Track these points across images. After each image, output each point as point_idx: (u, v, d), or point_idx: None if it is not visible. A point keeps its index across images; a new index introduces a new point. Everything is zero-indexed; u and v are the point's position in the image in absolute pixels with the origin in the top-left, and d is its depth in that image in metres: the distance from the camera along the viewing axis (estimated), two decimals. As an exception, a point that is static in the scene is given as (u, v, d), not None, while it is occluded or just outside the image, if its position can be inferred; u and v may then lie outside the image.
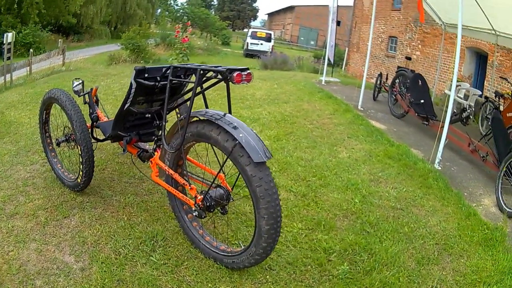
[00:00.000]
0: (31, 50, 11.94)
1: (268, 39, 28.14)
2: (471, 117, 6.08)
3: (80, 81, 3.26)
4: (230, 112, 2.37)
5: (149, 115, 2.90)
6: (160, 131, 2.84)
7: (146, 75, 2.56)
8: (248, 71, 2.20)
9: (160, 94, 2.76)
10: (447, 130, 4.67)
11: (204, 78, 2.41)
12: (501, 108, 6.05)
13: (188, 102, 2.60)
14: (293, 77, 10.33)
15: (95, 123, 3.18)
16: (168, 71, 2.54)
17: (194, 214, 2.48)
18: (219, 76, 2.25)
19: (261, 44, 27.47)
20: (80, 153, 2.87)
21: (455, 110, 7.28)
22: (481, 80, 10.10)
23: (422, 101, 6.10)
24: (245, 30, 53.52)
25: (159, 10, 39.20)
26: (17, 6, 20.73)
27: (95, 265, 2.39)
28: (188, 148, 2.65)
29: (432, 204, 3.69)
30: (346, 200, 3.59)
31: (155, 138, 2.95)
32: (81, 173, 2.93)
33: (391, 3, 14.96)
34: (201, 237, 2.65)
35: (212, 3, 58.19)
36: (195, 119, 2.42)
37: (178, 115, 3.59)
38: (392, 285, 2.50)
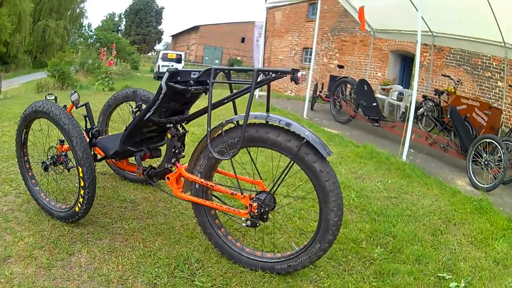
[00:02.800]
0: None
1: (178, 60, 30.13)
2: (425, 114, 7.21)
3: (75, 92, 3.18)
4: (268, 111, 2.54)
5: (169, 125, 2.94)
6: (180, 144, 2.98)
7: (178, 78, 2.63)
8: (304, 73, 2.42)
9: (186, 100, 2.86)
10: (411, 128, 5.66)
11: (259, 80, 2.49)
12: (442, 104, 7.34)
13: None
14: (224, 95, 10.94)
15: (94, 139, 3.14)
16: (203, 75, 2.68)
17: (246, 224, 2.61)
18: (282, 76, 2.40)
19: (172, 66, 29.60)
20: (81, 175, 2.77)
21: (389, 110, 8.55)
22: (406, 81, 11.77)
23: (374, 104, 7.12)
24: (149, 54, 58.42)
25: (71, 38, 41.28)
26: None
27: (135, 306, 2.23)
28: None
29: (419, 190, 4.50)
30: (343, 197, 4.19)
31: (175, 151, 2.98)
32: (81, 199, 2.82)
33: (305, 14, 16.62)
34: (241, 250, 2.72)
35: (119, 28, 62.10)
36: (229, 126, 2.56)
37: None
38: (425, 255, 3.11)
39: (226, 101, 2.68)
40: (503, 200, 4.64)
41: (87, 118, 3.18)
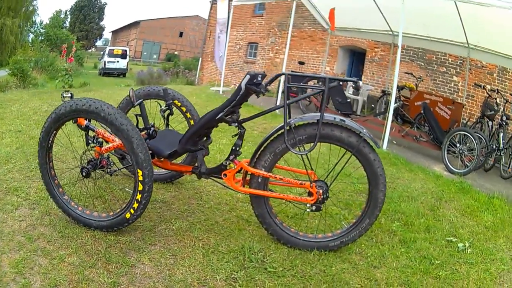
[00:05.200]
0: None
1: (123, 55, 31.62)
2: (400, 109, 8.24)
3: (132, 88, 3.30)
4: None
5: (236, 125, 3.14)
6: (240, 142, 3.20)
7: (255, 81, 2.93)
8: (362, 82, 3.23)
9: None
10: (390, 121, 6.71)
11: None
12: (401, 99, 8.48)
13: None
14: (184, 89, 11.53)
15: (148, 140, 3.20)
16: (276, 79, 3.07)
17: (311, 209, 3.10)
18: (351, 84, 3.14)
19: (118, 61, 31.21)
20: (141, 179, 2.74)
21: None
22: (354, 75, 13.00)
23: (348, 100, 8.12)
24: (90, 50, 62.37)
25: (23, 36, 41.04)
26: None
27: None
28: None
29: (408, 175, 5.53)
30: (348, 185, 5.07)
31: (235, 148, 3.20)
32: (135, 205, 2.78)
33: (252, 9, 17.42)
34: (296, 234, 3.17)
35: (65, 25, 64.19)
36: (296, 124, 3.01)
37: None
38: (432, 226, 4.04)
39: (298, 100, 3.19)
40: (477, 183, 5.84)
41: (139, 118, 3.30)
